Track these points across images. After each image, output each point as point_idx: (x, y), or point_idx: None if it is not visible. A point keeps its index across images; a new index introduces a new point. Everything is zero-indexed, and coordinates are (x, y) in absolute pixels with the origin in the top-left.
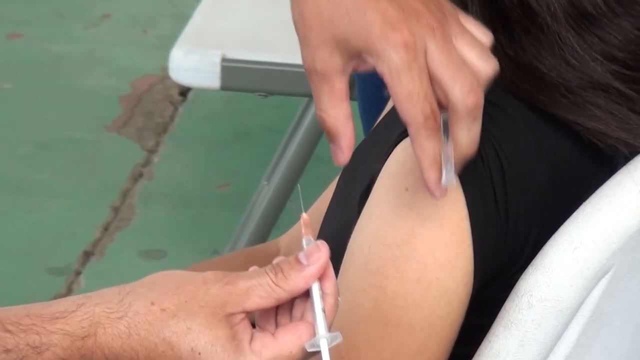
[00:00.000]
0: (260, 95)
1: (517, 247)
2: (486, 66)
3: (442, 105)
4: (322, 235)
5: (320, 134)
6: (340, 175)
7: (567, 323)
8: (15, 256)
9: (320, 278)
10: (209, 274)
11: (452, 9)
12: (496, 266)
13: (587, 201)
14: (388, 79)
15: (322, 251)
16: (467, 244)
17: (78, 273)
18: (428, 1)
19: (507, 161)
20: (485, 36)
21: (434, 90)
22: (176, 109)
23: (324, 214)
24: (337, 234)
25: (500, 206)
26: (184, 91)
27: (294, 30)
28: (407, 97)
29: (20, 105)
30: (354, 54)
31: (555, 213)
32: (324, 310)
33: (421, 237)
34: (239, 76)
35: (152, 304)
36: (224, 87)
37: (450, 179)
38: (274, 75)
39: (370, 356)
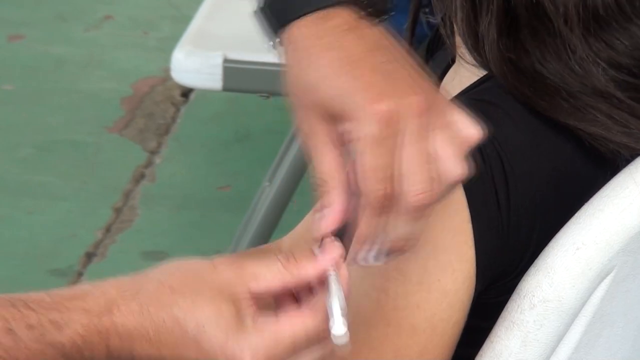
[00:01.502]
0: (262, 96)
1: (519, 249)
2: (454, 168)
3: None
4: None
5: None
6: None
7: (569, 324)
8: (17, 258)
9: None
10: (219, 258)
11: (443, 102)
12: (498, 268)
13: (589, 202)
14: (359, 146)
15: (337, 246)
16: (469, 245)
17: (80, 274)
18: (424, 86)
19: (509, 163)
20: (474, 130)
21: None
22: (178, 110)
23: None
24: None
25: (502, 208)
26: (186, 92)
27: None
28: (371, 171)
29: (21, 107)
30: (334, 119)
31: (558, 215)
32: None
33: (423, 238)
34: (240, 77)
35: (162, 283)
36: (225, 88)
37: (369, 260)
38: (275, 76)
39: (371, 358)
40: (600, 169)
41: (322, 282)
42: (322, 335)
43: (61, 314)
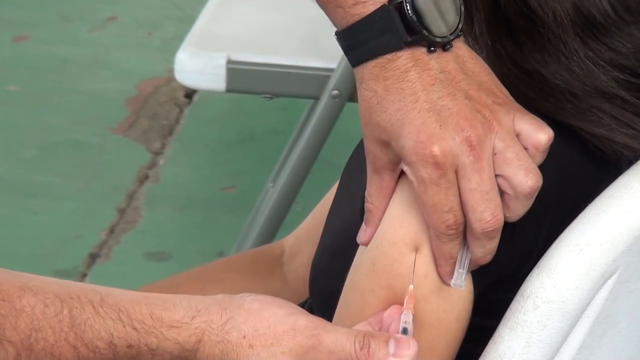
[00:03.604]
0: (265, 97)
1: (525, 250)
2: (525, 180)
3: None
4: (326, 231)
5: (326, 136)
6: (344, 171)
7: (572, 325)
8: (21, 258)
9: None
10: (301, 320)
11: (505, 114)
12: (504, 268)
13: (593, 203)
14: (416, 187)
15: (411, 349)
16: None
17: (84, 275)
18: (478, 109)
19: None
20: (541, 134)
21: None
22: (181, 111)
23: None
24: (341, 229)
25: None
26: (190, 93)
27: (298, 32)
28: (432, 207)
29: (25, 107)
30: (398, 154)
31: (564, 217)
32: None
33: (428, 232)
34: (244, 78)
35: (244, 337)
36: (229, 90)
37: (459, 283)
38: (279, 78)
39: None
40: (604, 170)
41: None
42: None
43: (158, 341)
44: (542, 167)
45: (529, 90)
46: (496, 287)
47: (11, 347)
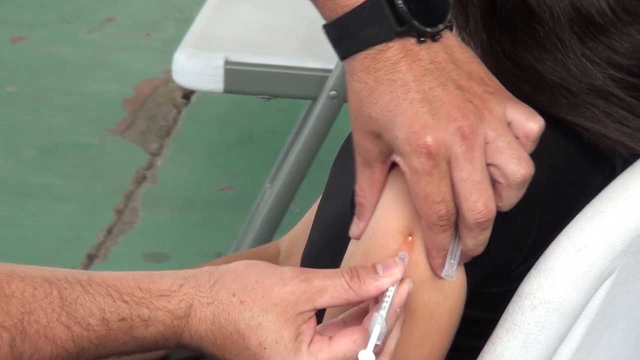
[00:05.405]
0: (263, 98)
1: (517, 242)
2: (517, 169)
3: None
4: (317, 222)
5: (324, 137)
6: (333, 165)
7: (570, 325)
8: (19, 259)
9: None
10: (287, 271)
11: (496, 103)
12: (496, 261)
13: (590, 203)
14: (408, 178)
15: (399, 268)
16: None
17: None
18: (470, 99)
19: None
20: (532, 124)
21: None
22: (179, 112)
23: None
24: (331, 220)
25: None
26: (188, 94)
27: (296, 33)
28: (424, 198)
29: (24, 108)
30: (387, 145)
31: (556, 210)
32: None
33: (420, 223)
34: (242, 79)
35: (234, 295)
36: (227, 90)
37: (450, 274)
38: (277, 78)
39: None
40: (598, 166)
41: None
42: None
43: (149, 312)
44: (535, 159)
45: (525, 86)
46: (489, 280)
47: (5, 333)
